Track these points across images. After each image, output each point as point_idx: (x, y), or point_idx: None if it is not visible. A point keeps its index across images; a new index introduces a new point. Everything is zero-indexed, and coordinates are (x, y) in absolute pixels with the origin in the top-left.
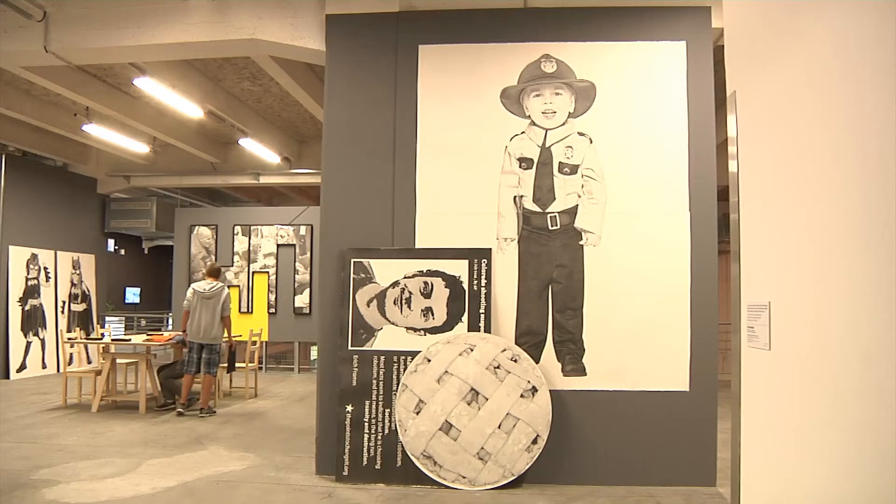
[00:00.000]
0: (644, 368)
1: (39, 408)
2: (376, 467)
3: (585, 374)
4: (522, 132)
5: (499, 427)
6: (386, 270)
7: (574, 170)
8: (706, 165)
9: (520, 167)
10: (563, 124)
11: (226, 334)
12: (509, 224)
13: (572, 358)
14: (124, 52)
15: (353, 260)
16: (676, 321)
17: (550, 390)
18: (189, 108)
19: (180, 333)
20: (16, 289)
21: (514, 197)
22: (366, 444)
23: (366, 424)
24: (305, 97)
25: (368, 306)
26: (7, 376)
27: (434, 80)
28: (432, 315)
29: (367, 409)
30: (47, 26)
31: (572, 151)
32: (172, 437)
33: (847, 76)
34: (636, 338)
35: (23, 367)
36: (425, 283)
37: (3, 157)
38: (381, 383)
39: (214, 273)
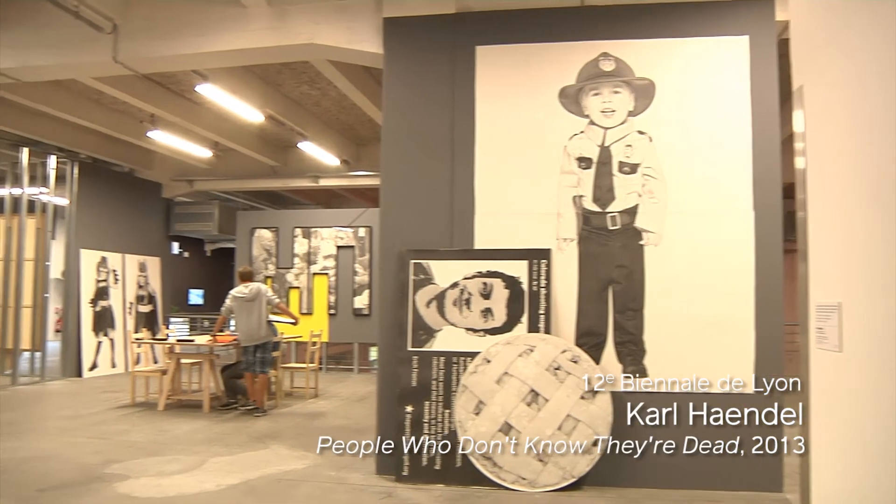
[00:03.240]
0: (707, 370)
1: (110, 405)
2: (436, 468)
3: (647, 376)
4: (581, 132)
5: (559, 428)
6: (445, 271)
7: (634, 169)
8: (771, 162)
9: (579, 167)
10: (623, 123)
11: (285, 318)
12: (568, 224)
13: (633, 359)
14: (187, 59)
15: (412, 261)
16: (740, 321)
17: (611, 391)
18: (249, 113)
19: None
20: (87, 290)
21: (574, 197)
22: (425, 444)
23: (425, 425)
24: (363, 100)
25: (428, 307)
26: (80, 374)
27: (492, 81)
28: (492, 316)
29: (426, 410)
30: (116, 38)
31: (632, 150)
32: (235, 436)
33: None
34: (698, 338)
35: (94, 365)
36: (484, 283)
37: (76, 163)
38: (440, 384)
39: (248, 276)
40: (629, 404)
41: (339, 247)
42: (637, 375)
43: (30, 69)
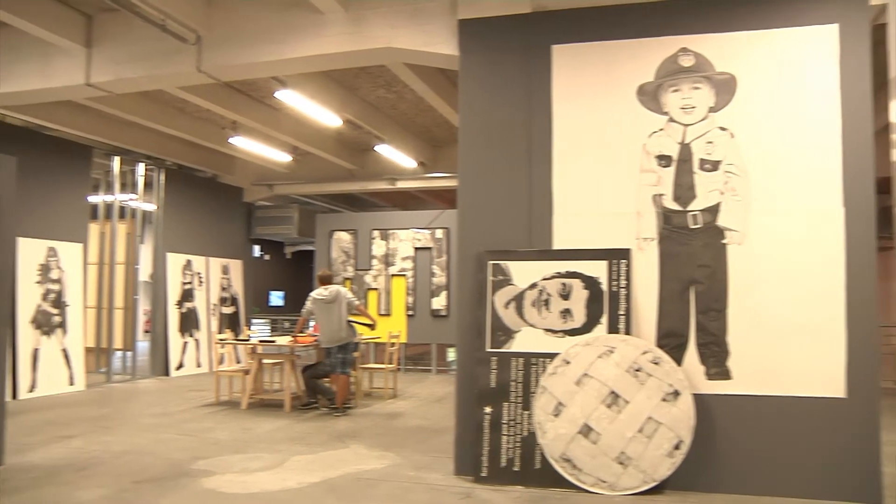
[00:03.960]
0: (795, 372)
1: (196, 403)
2: (514, 469)
3: (731, 378)
4: (661, 129)
5: (639, 431)
6: (524, 272)
7: (715, 166)
8: (862, 156)
9: (658, 165)
10: (703, 119)
11: (365, 320)
12: (648, 223)
13: (716, 361)
14: (267, 66)
15: (490, 262)
16: (830, 322)
17: (693, 394)
18: (328, 118)
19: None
20: (174, 293)
21: (654, 195)
22: (504, 445)
23: (504, 426)
24: (439, 102)
25: (506, 308)
26: (167, 373)
27: (568, 80)
28: (571, 317)
29: (505, 411)
30: (199, 48)
31: (713, 147)
32: (315, 435)
33: None
34: (785, 340)
35: (181, 365)
36: (563, 284)
37: (163, 170)
38: (519, 385)
39: (328, 279)
40: (713, 407)
41: (416, 248)
42: (720, 378)
43: (121, 82)
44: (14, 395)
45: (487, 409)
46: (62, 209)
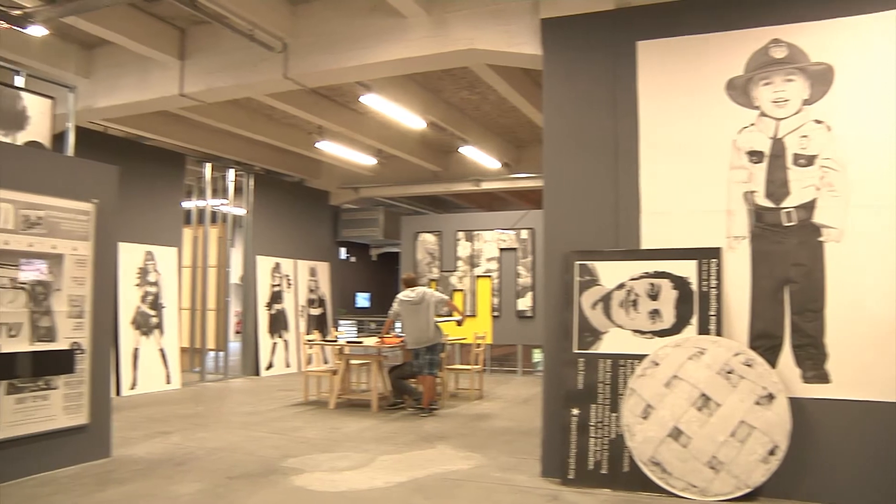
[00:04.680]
0: None
1: (285, 402)
2: (602, 472)
3: (829, 382)
4: (751, 124)
5: (732, 435)
6: (611, 272)
7: (811, 161)
8: None
9: (750, 161)
10: (797, 113)
11: (453, 316)
12: (740, 221)
13: (813, 363)
14: (352, 71)
15: (577, 262)
16: None
17: (789, 398)
18: (412, 120)
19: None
20: (263, 295)
21: (745, 193)
22: (592, 448)
23: (592, 428)
24: (523, 102)
25: (594, 309)
26: (258, 373)
27: (654, 76)
28: (660, 317)
29: (593, 413)
30: (286, 56)
31: (808, 141)
32: (402, 435)
33: None
34: (889, 342)
35: (270, 365)
36: (652, 284)
37: (252, 176)
38: (607, 387)
39: (412, 282)
40: (810, 412)
41: (501, 249)
42: (818, 381)
43: (212, 91)
44: (118, 392)
45: (575, 411)
46: (159, 215)
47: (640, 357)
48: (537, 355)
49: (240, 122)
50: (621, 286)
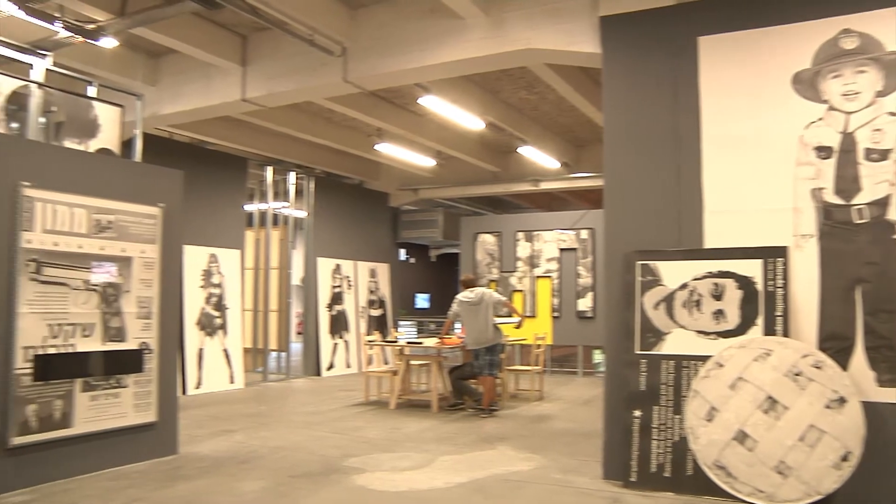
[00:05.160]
0: None
1: (346, 403)
2: (665, 475)
3: None
4: (819, 119)
5: (800, 440)
6: (673, 272)
7: (884, 155)
8: None
9: (817, 157)
10: (869, 105)
11: (511, 318)
12: (807, 219)
13: (889, 366)
14: (410, 73)
15: (638, 262)
16: None
17: (862, 402)
18: (470, 121)
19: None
20: (324, 296)
21: (812, 190)
22: (654, 450)
23: (654, 430)
24: (582, 101)
25: (656, 309)
26: (319, 373)
27: (716, 72)
28: (724, 318)
29: (655, 415)
30: (345, 59)
31: (881, 135)
32: (462, 436)
33: None
34: None
35: (331, 365)
36: (716, 284)
37: (312, 178)
38: (670, 388)
39: (471, 283)
40: (887, 417)
41: (561, 249)
42: (895, 385)
43: (274, 96)
44: (184, 391)
45: (637, 413)
46: (222, 218)
47: (704, 358)
48: (598, 356)
49: (300, 126)
50: (684, 286)
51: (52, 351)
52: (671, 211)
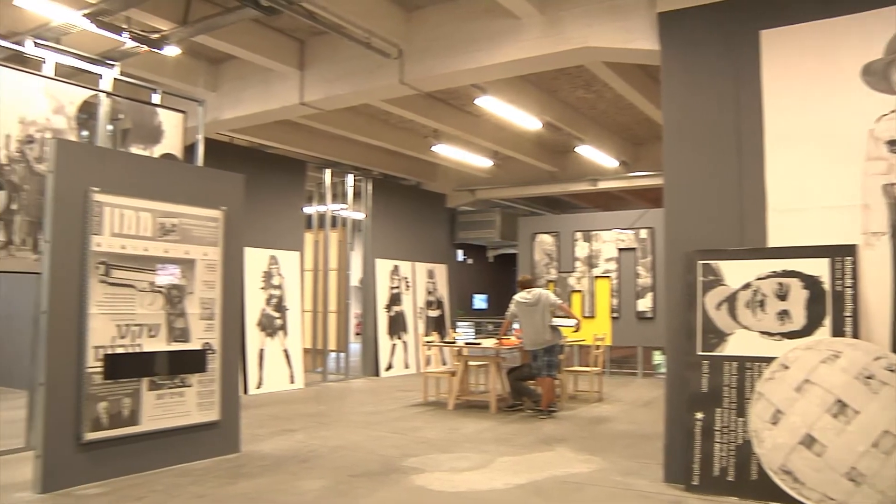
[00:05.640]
0: None
1: (404, 403)
2: (728, 479)
3: None
4: (892, 111)
5: (874, 446)
6: (736, 272)
7: None
8: None
9: (889, 151)
10: None
11: (568, 320)
12: (878, 216)
13: None
14: (467, 74)
15: (699, 262)
16: None
17: None
18: (527, 121)
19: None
20: (382, 297)
21: (884, 185)
22: (717, 453)
23: (717, 433)
24: (640, 99)
25: (718, 309)
26: (377, 374)
27: (780, 66)
28: (789, 318)
29: (718, 417)
30: (401, 62)
31: None
32: (521, 437)
33: None
34: None
35: (390, 366)
36: (780, 284)
37: (370, 180)
38: (733, 390)
39: (528, 284)
40: None
41: (620, 249)
42: None
43: (331, 99)
44: (245, 391)
45: (699, 415)
46: (281, 220)
47: (768, 360)
48: (658, 357)
49: (358, 128)
50: (747, 286)
51: (120, 350)
52: (733, 209)
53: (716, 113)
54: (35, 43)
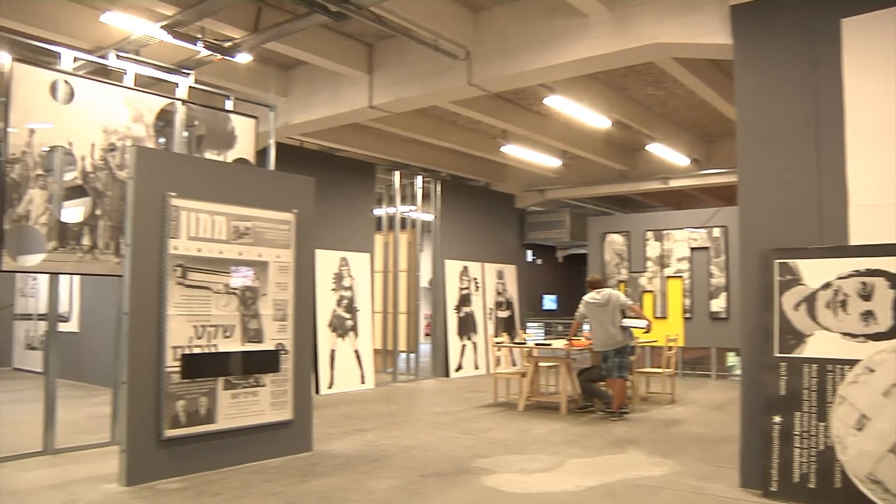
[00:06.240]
0: None
1: (474, 404)
2: (809, 486)
3: None
4: None
5: None
6: (815, 271)
7: None
8: None
9: None
10: None
11: (638, 322)
12: None
13: None
14: (535, 74)
15: (776, 261)
16: None
17: None
18: (596, 120)
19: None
20: (452, 298)
21: None
22: (796, 459)
23: (796, 438)
24: (712, 95)
25: (796, 310)
26: (447, 374)
27: (862, 56)
28: (874, 319)
29: (797, 421)
30: (469, 63)
31: None
32: (592, 439)
33: None
34: None
35: (459, 367)
36: (863, 283)
37: (438, 181)
38: (812, 394)
39: (597, 284)
40: None
41: (692, 248)
42: None
43: (400, 102)
44: (317, 391)
45: (776, 419)
46: (351, 222)
47: (851, 362)
48: (732, 359)
49: (426, 130)
50: (827, 286)
51: (197, 351)
52: (811, 206)
53: (793, 106)
54: (117, 56)
